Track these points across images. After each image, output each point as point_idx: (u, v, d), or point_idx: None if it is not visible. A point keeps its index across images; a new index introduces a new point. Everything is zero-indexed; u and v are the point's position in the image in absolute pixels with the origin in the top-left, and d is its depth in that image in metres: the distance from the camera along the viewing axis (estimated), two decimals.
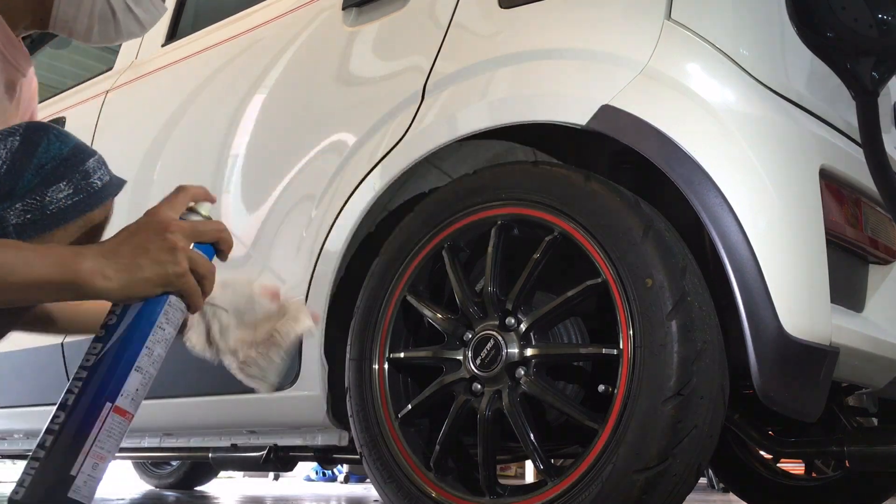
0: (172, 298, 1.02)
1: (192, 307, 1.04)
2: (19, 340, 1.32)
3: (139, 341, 1.00)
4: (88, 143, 1.26)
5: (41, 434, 0.98)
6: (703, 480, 5.01)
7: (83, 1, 1.25)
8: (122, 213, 1.17)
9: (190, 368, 1.99)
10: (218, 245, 1.06)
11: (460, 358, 1.48)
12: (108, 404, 0.98)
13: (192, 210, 1.06)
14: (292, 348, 1.24)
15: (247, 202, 1.96)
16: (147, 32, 1.35)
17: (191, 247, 1.01)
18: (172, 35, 2.46)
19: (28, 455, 0.99)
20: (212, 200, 1.09)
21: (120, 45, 2.64)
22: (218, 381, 1.94)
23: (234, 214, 1.99)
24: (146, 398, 1.06)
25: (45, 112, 2.64)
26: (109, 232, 1.08)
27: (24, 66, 1.23)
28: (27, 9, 1.24)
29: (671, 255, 1.30)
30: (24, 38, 1.29)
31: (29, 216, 1.03)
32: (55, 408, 0.99)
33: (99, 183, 1.08)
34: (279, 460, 1.99)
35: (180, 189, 1.05)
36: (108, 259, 0.97)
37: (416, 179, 1.74)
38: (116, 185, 1.12)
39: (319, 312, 1.66)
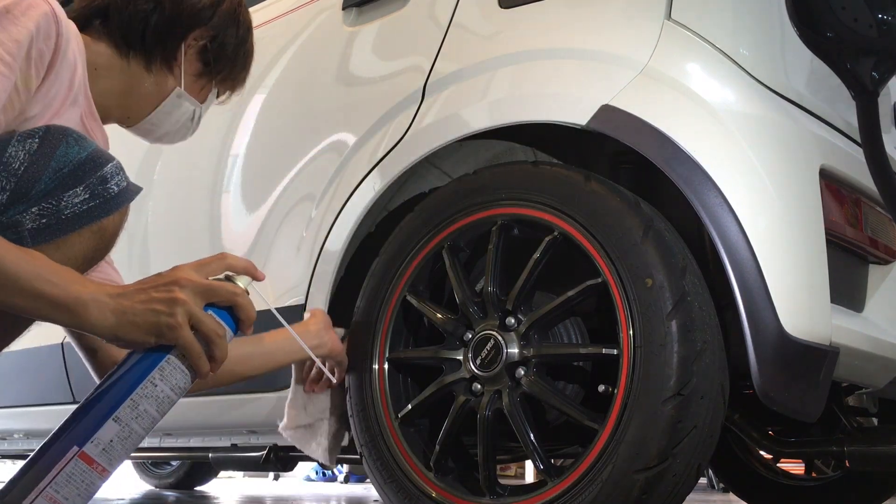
0: (172, 357, 0.98)
1: (195, 369, 1.00)
2: (19, 340, 1.32)
3: (124, 391, 0.96)
4: None
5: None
6: (703, 480, 5.01)
7: (176, 113, 1.33)
8: None
9: None
10: (235, 312, 1.03)
11: (460, 358, 1.48)
12: (75, 448, 0.93)
13: (228, 279, 1.04)
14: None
15: (247, 202, 1.96)
16: None
17: (201, 306, 0.99)
18: None
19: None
20: (257, 277, 1.07)
21: None
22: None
23: (234, 214, 1.99)
24: None
25: None
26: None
27: (101, 143, 1.25)
28: (121, 104, 1.30)
29: (671, 255, 1.30)
30: None
31: (44, 220, 1.04)
32: None
33: (115, 189, 1.09)
34: (279, 460, 1.99)
35: (220, 255, 1.06)
36: (110, 297, 0.97)
37: (416, 179, 1.74)
38: (133, 191, 1.13)
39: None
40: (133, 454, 2.92)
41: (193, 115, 1.37)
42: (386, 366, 1.57)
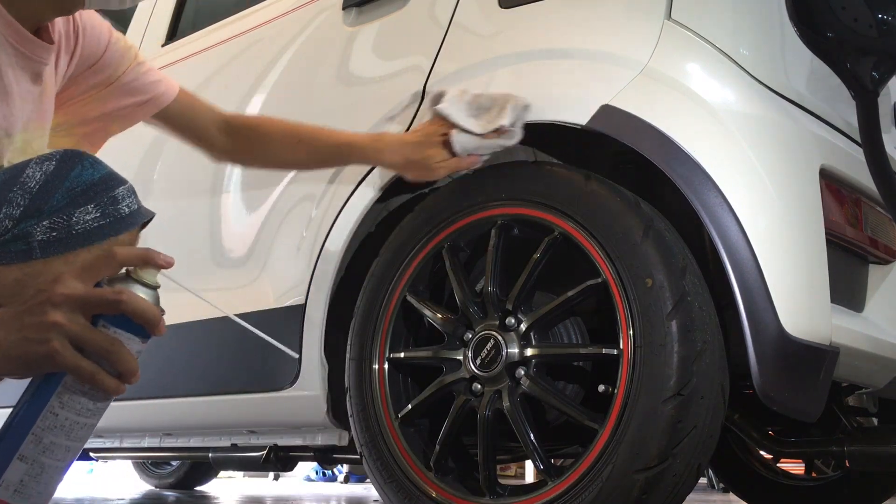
0: (68, 380, 0.86)
1: (99, 389, 0.87)
2: None
3: (25, 427, 0.86)
4: None
5: None
6: (703, 480, 5.01)
7: None
8: None
9: (190, 368, 1.99)
10: (133, 318, 0.87)
11: (460, 358, 1.48)
12: None
13: (130, 277, 0.90)
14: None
15: (247, 202, 1.96)
16: None
17: (85, 322, 0.85)
18: (172, 35, 2.47)
19: None
20: (159, 265, 0.91)
21: None
22: (218, 381, 1.94)
23: (234, 215, 1.99)
24: (146, 397, 1.05)
25: None
26: None
27: (45, 56, 1.22)
28: (48, 2, 1.21)
29: (671, 255, 1.30)
30: None
31: (54, 234, 1.04)
32: None
33: (126, 210, 1.10)
34: (279, 460, 1.99)
35: (109, 253, 0.90)
36: None
37: None
38: (144, 214, 1.13)
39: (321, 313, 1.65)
40: (133, 454, 2.92)
41: None
42: (386, 366, 1.57)
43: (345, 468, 6.09)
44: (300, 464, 2.61)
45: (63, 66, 1.32)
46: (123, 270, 0.91)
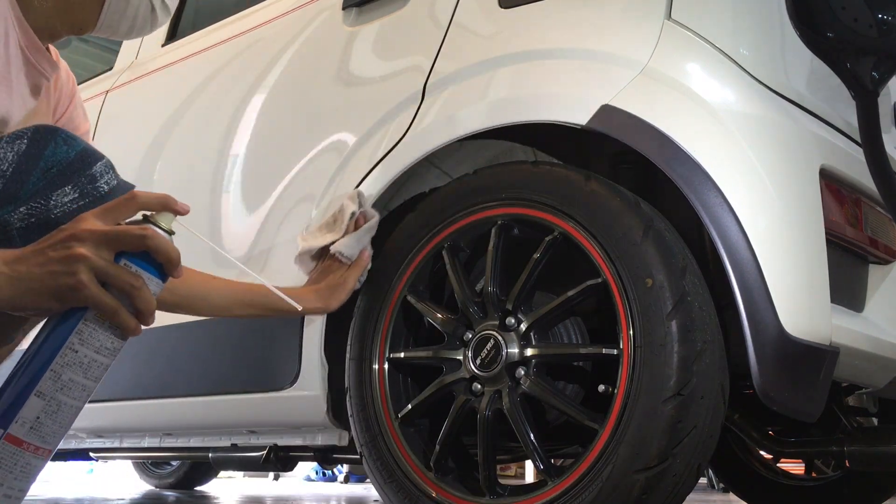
0: (89, 318, 0.87)
1: (119, 327, 0.89)
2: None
3: (43, 363, 0.87)
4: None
5: None
6: (703, 480, 5.01)
7: (128, 7, 1.25)
8: None
9: (190, 368, 1.99)
10: (153, 257, 0.89)
11: (460, 358, 1.48)
12: (0, 431, 0.86)
13: (148, 220, 0.92)
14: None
15: (247, 202, 1.96)
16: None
17: (109, 258, 0.87)
18: (173, 35, 2.47)
19: None
20: (177, 211, 0.94)
21: (120, 45, 2.64)
22: (218, 381, 1.94)
23: (234, 214, 1.99)
24: (146, 397, 1.04)
25: None
26: None
27: (48, 70, 1.23)
28: (67, 17, 1.23)
29: (671, 255, 1.30)
30: None
31: (33, 220, 1.02)
32: None
33: (105, 188, 1.07)
34: (279, 460, 1.99)
35: (130, 195, 0.92)
36: (5, 264, 0.87)
37: (415, 179, 1.74)
38: (123, 190, 1.10)
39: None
40: (133, 454, 2.92)
41: (151, 4, 1.26)
42: (386, 366, 1.57)
43: (345, 468, 6.10)
44: (300, 464, 2.61)
45: (53, 111, 1.32)
46: (139, 215, 0.92)
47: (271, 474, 6.95)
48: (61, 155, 1.04)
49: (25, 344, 1.21)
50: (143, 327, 0.91)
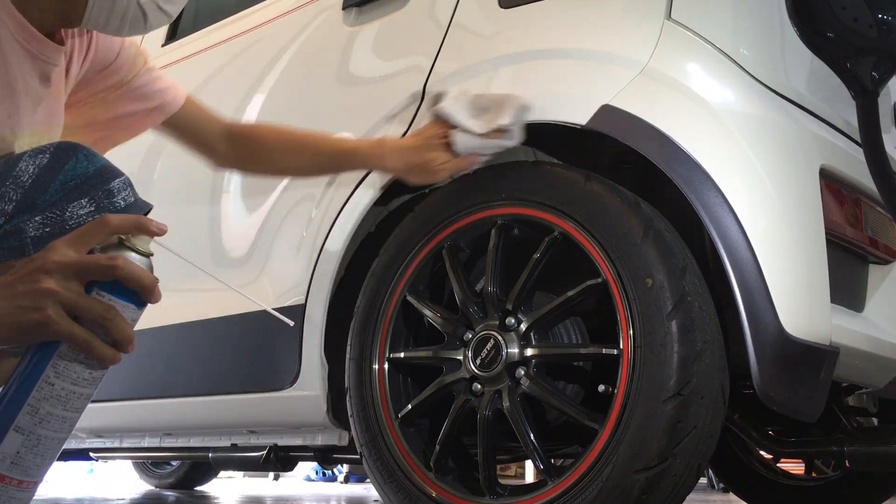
0: (63, 350, 0.85)
1: (96, 359, 0.86)
2: None
3: (19, 398, 0.85)
4: None
5: None
6: (703, 480, 5.01)
7: (115, 5, 1.22)
8: None
9: (190, 368, 1.99)
10: (127, 284, 0.86)
11: (460, 358, 1.48)
12: None
13: (122, 244, 0.88)
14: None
15: (247, 202, 1.96)
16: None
17: (79, 289, 0.84)
18: (173, 35, 2.47)
19: None
20: (152, 232, 0.90)
21: None
22: (218, 381, 1.94)
23: (234, 215, 1.99)
24: (146, 397, 1.04)
25: None
26: None
27: (54, 57, 1.22)
28: (56, 10, 1.21)
29: (671, 255, 1.30)
30: None
31: (48, 230, 1.02)
32: None
33: (122, 203, 1.07)
34: (279, 460, 1.99)
35: (100, 219, 0.89)
36: None
37: None
38: (141, 207, 1.10)
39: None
40: (133, 454, 2.92)
41: (140, 6, 1.23)
42: (386, 366, 1.57)
43: (345, 468, 6.09)
44: (300, 464, 2.61)
45: (75, 69, 1.31)
46: (115, 238, 0.89)
47: (271, 474, 6.95)
48: (81, 169, 1.06)
49: None
50: (134, 342, 0.89)
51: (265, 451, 1.98)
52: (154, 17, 1.25)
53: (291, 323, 1.23)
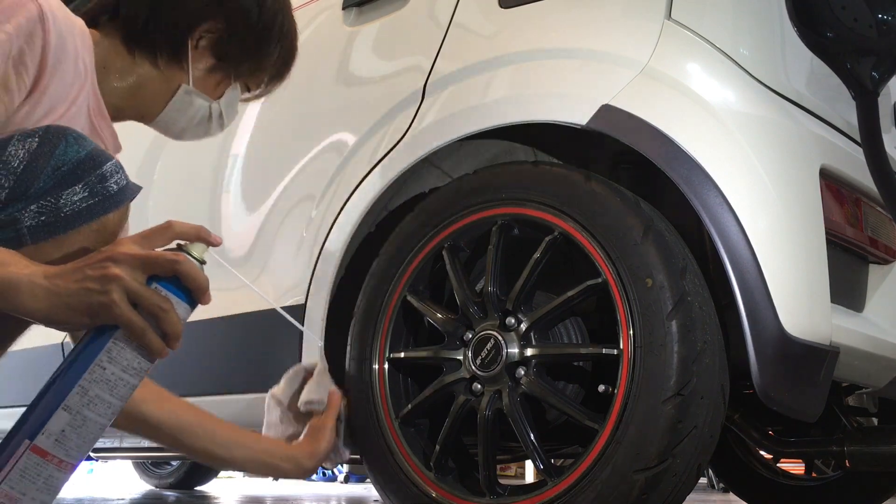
0: (119, 337, 0.92)
1: (146, 347, 0.93)
2: (19, 340, 1.33)
3: (72, 378, 0.91)
4: None
5: None
6: (703, 480, 5.01)
7: (188, 110, 1.29)
8: None
9: (190, 368, 1.99)
10: (183, 282, 0.95)
11: (460, 358, 1.48)
12: (27, 441, 0.89)
13: (181, 249, 0.97)
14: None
15: (247, 202, 1.96)
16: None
17: (141, 280, 0.92)
18: None
19: None
20: (211, 242, 1.00)
21: None
22: (218, 381, 1.94)
23: (235, 214, 1.99)
24: None
25: None
26: None
27: (108, 141, 1.26)
28: (134, 110, 1.29)
29: (671, 255, 1.30)
30: None
31: (43, 218, 1.02)
32: None
33: (115, 187, 1.07)
34: None
35: (166, 224, 0.98)
36: (46, 278, 0.92)
37: (415, 179, 1.74)
38: (133, 190, 1.11)
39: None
40: (133, 454, 2.92)
41: (210, 112, 1.31)
42: (386, 366, 1.56)
43: (345, 468, 6.10)
44: None
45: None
46: (174, 244, 0.98)
47: None
48: (72, 154, 1.05)
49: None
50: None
51: None
52: (216, 125, 1.34)
53: (302, 327, 1.25)
